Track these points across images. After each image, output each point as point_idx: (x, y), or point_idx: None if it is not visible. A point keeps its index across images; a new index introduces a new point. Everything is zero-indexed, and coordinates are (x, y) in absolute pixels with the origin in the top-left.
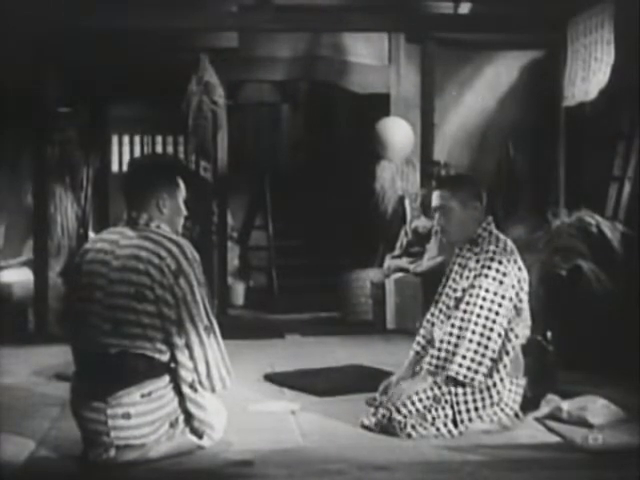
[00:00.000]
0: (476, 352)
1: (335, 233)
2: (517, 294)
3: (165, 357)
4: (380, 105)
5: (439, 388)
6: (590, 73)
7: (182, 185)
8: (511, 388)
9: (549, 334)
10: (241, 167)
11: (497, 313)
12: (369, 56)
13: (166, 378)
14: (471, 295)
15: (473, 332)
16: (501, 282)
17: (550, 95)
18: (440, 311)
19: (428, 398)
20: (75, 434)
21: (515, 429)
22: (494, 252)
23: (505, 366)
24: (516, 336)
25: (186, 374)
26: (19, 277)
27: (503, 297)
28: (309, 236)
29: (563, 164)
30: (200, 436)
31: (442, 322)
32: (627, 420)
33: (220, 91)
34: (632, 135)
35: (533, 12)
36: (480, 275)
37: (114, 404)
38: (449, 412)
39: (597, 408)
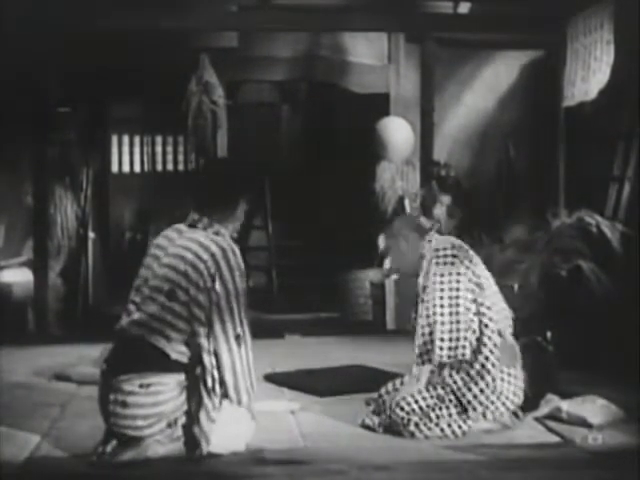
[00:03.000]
0: (451, 331)
1: (335, 233)
2: (473, 272)
3: (179, 356)
4: (380, 105)
5: (443, 388)
6: (590, 73)
7: (245, 196)
8: (503, 377)
9: (549, 334)
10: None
11: (458, 289)
12: (369, 56)
13: (174, 377)
14: (428, 285)
15: (442, 314)
16: (452, 263)
17: (550, 95)
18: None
19: (432, 397)
20: (75, 434)
21: (515, 429)
22: (438, 244)
23: (492, 351)
24: (490, 319)
25: (208, 379)
26: (19, 277)
27: (458, 274)
28: (309, 236)
29: (563, 164)
30: (194, 445)
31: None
32: (626, 420)
33: (220, 91)
34: (632, 135)
35: (533, 12)
36: (430, 264)
37: (116, 388)
38: (453, 411)
39: (597, 408)
